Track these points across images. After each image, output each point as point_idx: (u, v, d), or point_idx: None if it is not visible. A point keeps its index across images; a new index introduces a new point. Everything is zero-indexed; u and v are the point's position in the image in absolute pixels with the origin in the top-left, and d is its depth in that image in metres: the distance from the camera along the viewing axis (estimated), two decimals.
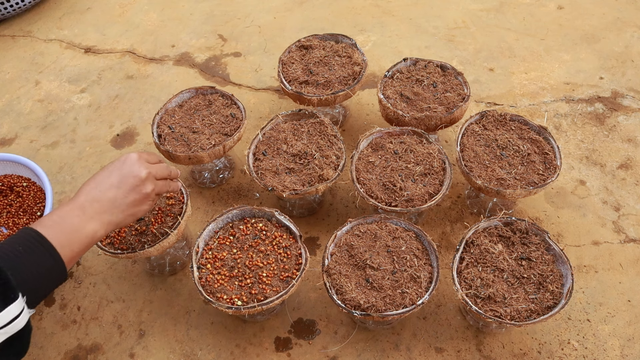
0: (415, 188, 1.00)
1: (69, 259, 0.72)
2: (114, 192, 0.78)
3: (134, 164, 0.80)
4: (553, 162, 1.03)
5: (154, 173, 0.83)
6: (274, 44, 1.61)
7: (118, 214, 0.78)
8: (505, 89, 1.40)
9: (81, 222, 0.74)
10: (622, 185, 1.17)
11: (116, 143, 1.37)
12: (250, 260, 0.94)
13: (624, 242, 1.08)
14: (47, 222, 0.72)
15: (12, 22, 1.80)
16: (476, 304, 0.86)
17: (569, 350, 0.94)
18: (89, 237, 0.74)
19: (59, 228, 0.72)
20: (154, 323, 1.03)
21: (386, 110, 1.14)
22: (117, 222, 0.78)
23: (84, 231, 0.74)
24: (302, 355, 0.96)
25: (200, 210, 1.20)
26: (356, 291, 0.88)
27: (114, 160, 0.82)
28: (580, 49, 1.50)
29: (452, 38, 1.57)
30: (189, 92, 1.21)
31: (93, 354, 0.99)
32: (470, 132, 1.10)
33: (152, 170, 0.83)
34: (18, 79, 1.59)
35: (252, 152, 1.10)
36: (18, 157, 1.16)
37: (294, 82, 1.21)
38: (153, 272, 1.09)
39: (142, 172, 0.80)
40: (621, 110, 1.32)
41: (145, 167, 0.81)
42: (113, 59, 1.62)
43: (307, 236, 1.13)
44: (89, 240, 0.74)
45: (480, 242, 0.93)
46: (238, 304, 0.88)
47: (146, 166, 0.82)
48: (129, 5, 1.83)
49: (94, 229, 0.75)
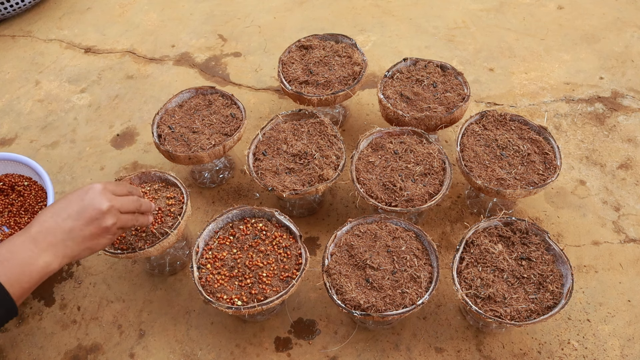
0: (415, 188, 1.00)
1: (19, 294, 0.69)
2: (71, 223, 0.74)
3: (96, 195, 0.77)
4: (553, 162, 1.03)
5: (118, 206, 0.79)
6: (274, 44, 1.61)
7: (73, 247, 0.75)
8: (505, 89, 1.40)
9: (33, 255, 0.71)
10: (622, 185, 1.17)
11: (116, 143, 1.37)
12: (250, 260, 0.94)
13: (624, 242, 1.08)
14: None
15: (12, 22, 1.80)
16: (476, 304, 0.86)
17: (569, 350, 0.94)
18: (42, 271, 0.71)
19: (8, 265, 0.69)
20: (154, 323, 1.03)
21: (386, 110, 1.14)
22: (71, 255, 0.75)
23: (35, 265, 0.71)
24: (302, 355, 0.96)
25: (200, 210, 1.20)
26: (356, 291, 0.88)
27: (77, 189, 0.78)
28: (580, 49, 1.50)
29: (452, 38, 1.57)
30: (189, 92, 1.21)
31: (93, 354, 0.99)
32: (470, 132, 1.10)
33: (115, 203, 0.79)
34: (18, 79, 1.59)
35: (252, 152, 1.10)
36: (19, 156, 1.16)
37: (294, 82, 1.21)
38: (153, 272, 1.09)
39: (104, 205, 0.76)
40: (621, 110, 1.32)
41: (107, 200, 0.77)
42: (113, 59, 1.62)
43: (307, 236, 1.13)
44: (41, 274, 0.71)
45: (480, 242, 0.93)
46: (238, 304, 0.88)
47: (109, 198, 0.78)
48: (129, 5, 1.83)
49: (46, 262, 0.72)
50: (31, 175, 1.18)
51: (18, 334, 1.03)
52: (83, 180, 1.28)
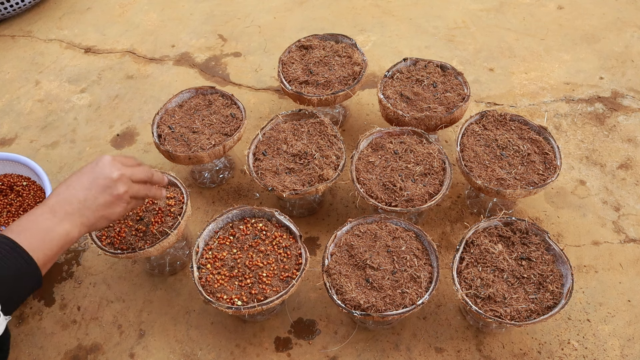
0: (415, 188, 1.00)
1: (42, 262, 0.71)
2: (85, 193, 0.77)
3: (105, 165, 0.80)
4: (553, 162, 1.03)
5: (129, 175, 0.82)
6: (274, 44, 1.61)
7: (89, 215, 0.77)
8: (505, 89, 1.40)
9: (52, 224, 0.73)
10: (622, 185, 1.17)
11: (116, 143, 1.37)
12: (250, 260, 0.94)
13: (624, 242, 1.08)
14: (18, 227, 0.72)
15: (12, 22, 1.80)
16: (476, 304, 0.86)
17: (569, 350, 0.94)
18: (62, 239, 0.74)
19: (30, 232, 0.71)
20: (154, 323, 1.03)
21: (386, 110, 1.14)
22: (89, 224, 0.78)
23: (55, 233, 0.73)
24: (302, 355, 0.96)
25: (200, 210, 1.20)
26: (356, 291, 0.88)
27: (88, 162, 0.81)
28: (580, 49, 1.50)
29: (452, 38, 1.57)
30: (189, 92, 1.21)
31: (93, 354, 0.99)
32: (470, 132, 1.10)
33: (126, 172, 0.81)
34: (18, 79, 1.59)
35: (252, 152, 1.10)
36: (18, 157, 1.16)
37: (294, 82, 1.21)
38: (153, 272, 1.09)
39: (114, 174, 0.79)
40: (621, 110, 1.32)
41: (117, 169, 0.80)
42: (113, 59, 1.62)
43: (307, 236, 1.13)
44: (62, 242, 0.74)
45: (480, 242, 0.93)
46: (238, 304, 0.88)
47: (118, 167, 0.80)
48: (129, 5, 1.83)
49: (66, 230, 0.74)
50: (30, 176, 1.18)
51: (18, 334, 1.03)
52: None
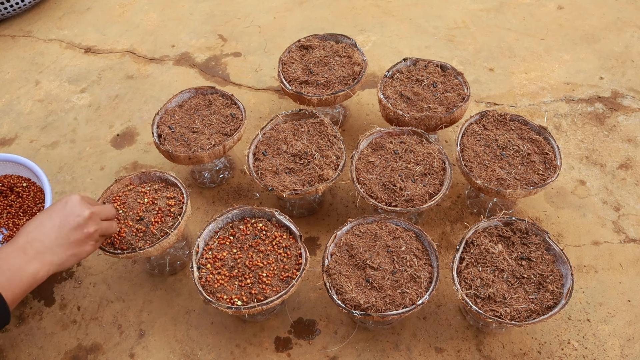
0: (415, 188, 1.00)
1: (10, 300, 0.72)
2: (56, 232, 0.78)
3: (75, 205, 0.81)
4: (553, 162, 1.03)
5: (98, 213, 0.84)
6: (274, 44, 1.61)
7: (60, 254, 0.78)
8: (505, 89, 1.40)
9: (22, 262, 0.74)
10: (622, 185, 1.17)
11: (116, 143, 1.37)
12: (250, 260, 0.94)
13: (624, 242, 1.08)
14: None
15: (12, 22, 1.80)
16: (476, 304, 0.86)
17: (569, 350, 0.94)
18: (31, 278, 0.74)
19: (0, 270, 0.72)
20: (154, 323, 1.03)
21: (386, 110, 1.14)
22: (59, 263, 0.78)
23: (25, 272, 0.73)
24: (302, 355, 0.96)
25: (200, 210, 1.20)
26: (356, 291, 0.88)
27: (54, 202, 0.82)
28: (580, 49, 1.50)
29: (452, 38, 1.57)
30: (189, 92, 1.21)
31: (93, 354, 0.99)
32: (470, 132, 1.10)
33: (95, 210, 0.83)
34: (18, 79, 1.59)
35: (252, 152, 1.10)
36: (17, 157, 1.16)
37: (294, 82, 1.21)
38: (153, 272, 1.09)
39: (85, 212, 0.81)
40: (621, 110, 1.32)
41: (87, 208, 0.82)
42: (113, 59, 1.62)
43: (307, 236, 1.13)
44: (30, 281, 0.74)
45: (480, 242, 0.93)
46: (238, 304, 0.88)
47: (88, 207, 0.82)
48: (129, 5, 1.83)
49: (35, 269, 0.75)
50: (30, 177, 1.18)
51: (18, 334, 1.03)
52: (83, 180, 1.28)
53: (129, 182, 1.04)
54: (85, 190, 1.26)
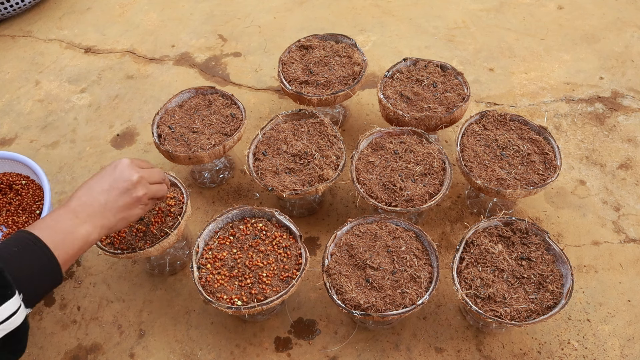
0: (415, 188, 1.00)
1: (63, 260, 0.73)
2: (105, 196, 0.79)
3: (124, 168, 0.82)
4: (553, 162, 1.03)
5: (147, 177, 0.84)
6: (274, 44, 1.61)
7: (110, 217, 0.79)
8: (505, 89, 1.40)
9: (74, 224, 0.75)
10: (622, 185, 1.17)
11: (116, 143, 1.37)
12: (250, 260, 0.94)
13: (624, 242, 1.08)
14: (41, 224, 0.73)
15: (12, 22, 1.80)
16: (476, 304, 0.86)
17: (569, 350, 0.94)
18: (83, 240, 0.75)
19: (52, 230, 0.73)
20: (154, 323, 1.03)
21: (386, 110, 1.14)
22: (109, 226, 0.79)
23: (77, 234, 0.75)
24: (302, 355, 0.96)
25: (200, 210, 1.20)
26: (356, 291, 0.88)
27: (106, 165, 0.83)
28: (580, 49, 1.50)
29: (452, 38, 1.57)
30: (189, 92, 1.21)
31: (93, 354, 0.99)
32: (470, 132, 1.10)
33: (144, 174, 0.83)
34: (18, 79, 1.59)
35: (252, 152, 1.10)
36: (16, 155, 1.16)
37: (294, 82, 1.21)
38: (153, 272, 1.09)
39: (134, 176, 0.81)
40: (621, 110, 1.32)
41: (136, 172, 0.82)
42: (113, 59, 1.62)
43: (307, 236, 1.13)
44: (82, 242, 0.75)
45: (480, 242, 0.93)
46: (238, 304, 0.88)
47: (137, 170, 0.82)
48: (129, 5, 1.83)
49: (87, 232, 0.76)
50: (29, 174, 1.18)
51: None
52: (83, 180, 1.28)
53: None
54: None
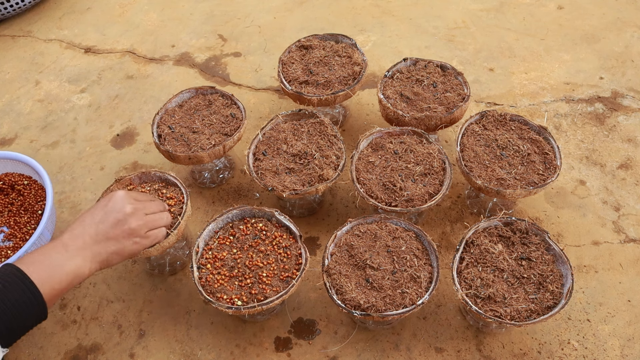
0: (415, 188, 1.00)
1: (49, 296, 0.71)
2: (95, 228, 0.78)
3: (118, 200, 0.81)
4: (553, 162, 1.03)
5: (141, 208, 0.83)
6: (274, 44, 1.61)
7: (101, 250, 0.78)
8: (505, 89, 1.40)
9: (63, 258, 0.74)
10: (622, 185, 1.17)
11: (116, 143, 1.37)
12: (250, 260, 0.94)
13: (624, 242, 1.08)
14: (29, 259, 0.72)
15: (12, 22, 1.80)
16: (476, 304, 0.86)
17: (569, 350, 0.94)
18: (72, 274, 0.74)
19: (40, 265, 0.72)
20: (154, 323, 1.03)
21: (386, 110, 1.14)
22: (100, 260, 0.78)
23: (66, 267, 0.73)
24: (302, 355, 0.96)
25: (200, 210, 1.20)
26: (356, 291, 0.88)
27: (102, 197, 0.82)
28: (580, 49, 1.50)
29: (452, 38, 1.57)
30: (189, 92, 1.21)
31: (93, 354, 0.99)
32: (470, 132, 1.10)
33: (138, 206, 0.82)
34: (18, 79, 1.59)
35: (252, 152, 1.10)
36: (18, 155, 1.16)
37: (294, 82, 1.21)
38: (153, 272, 1.09)
39: (127, 207, 0.80)
40: (621, 110, 1.32)
41: (129, 203, 0.81)
42: (113, 59, 1.62)
43: (307, 236, 1.13)
44: (72, 277, 0.74)
45: (480, 242, 0.93)
46: (238, 304, 0.88)
47: (131, 202, 0.81)
48: (129, 5, 1.83)
49: (77, 265, 0.75)
50: (31, 174, 1.18)
51: None
52: (83, 180, 1.28)
53: (129, 182, 1.04)
54: (85, 190, 1.26)
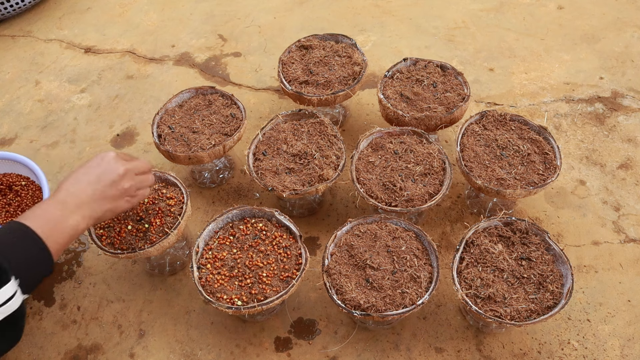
0: (415, 188, 1.00)
1: (54, 250, 0.75)
2: (93, 187, 0.81)
3: (111, 161, 0.84)
4: (553, 162, 1.03)
5: (132, 169, 0.86)
6: (274, 44, 1.61)
7: (97, 209, 0.81)
8: (505, 89, 1.40)
9: (63, 215, 0.77)
10: (622, 185, 1.17)
11: (116, 143, 1.37)
12: (250, 260, 0.94)
13: (624, 242, 1.08)
14: (31, 215, 0.76)
15: (12, 22, 1.80)
16: (476, 304, 0.86)
17: (569, 350, 0.94)
18: (72, 230, 0.78)
19: (42, 220, 0.75)
20: (154, 323, 1.03)
21: (386, 110, 1.14)
22: (96, 217, 0.82)
23: (66, 223, 0.77)
24: (302, 355, 0.96)
25: (200, 210, 1.20)
26: (356, 291, 0.88)
27: (91, 158, 0.85)
28: (580, 49, 1.50)
29: (452, 38, 1.57)
30: (189, 92, 1.21)
31: (93, 354, 0.99)
32: (470, 132, 1.10)
33: (129, 167, 0.85)
34: (18, 79, 1.59)
35: (252, 152, 1.10)
36: (16, 156, 1.15)
37: (294, 82, 1.21)
38: (153, 272, 1.09)
39: (120, 169, 0.84)
40: (621, 110, 1.32)
41: (122, 164, 0.84)
42: (113, 59, 1.62)
43: (307, 236, 1.13)
44: (71, 232, 0.78)
45: (480, 242, 0.93)
46: (238, 304, 0.88)
47: (123, 163, 0.85)
48: (129, 5, 1.83)
49: (76, 222, 0.78)
50: (28, 175, 1.18)
51: None
52: None
53: None
54: None
